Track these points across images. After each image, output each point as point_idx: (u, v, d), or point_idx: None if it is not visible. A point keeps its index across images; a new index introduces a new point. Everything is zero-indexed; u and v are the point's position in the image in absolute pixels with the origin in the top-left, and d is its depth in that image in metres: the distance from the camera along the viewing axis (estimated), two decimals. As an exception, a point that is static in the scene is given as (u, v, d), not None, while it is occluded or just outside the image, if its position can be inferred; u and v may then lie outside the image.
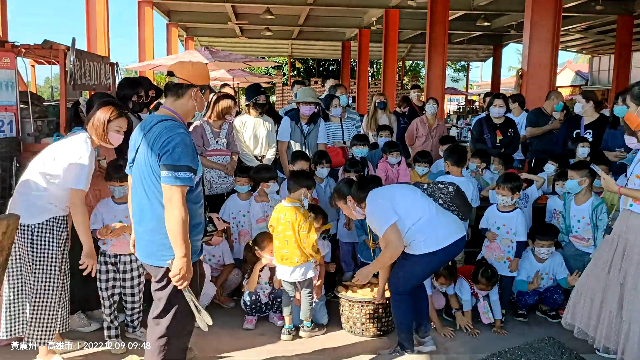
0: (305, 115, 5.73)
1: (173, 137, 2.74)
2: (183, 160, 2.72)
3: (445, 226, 3.62)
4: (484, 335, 4.20)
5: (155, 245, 2.83)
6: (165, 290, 2.88)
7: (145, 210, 2.84)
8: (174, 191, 2.70)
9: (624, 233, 3.30)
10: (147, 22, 16.90)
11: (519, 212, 4.55)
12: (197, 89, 2.91)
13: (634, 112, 3.28)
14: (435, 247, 3.55)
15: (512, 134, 6.43)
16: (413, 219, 3.56)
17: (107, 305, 3.84)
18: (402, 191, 3.75)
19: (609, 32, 19.50)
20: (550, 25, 8.14)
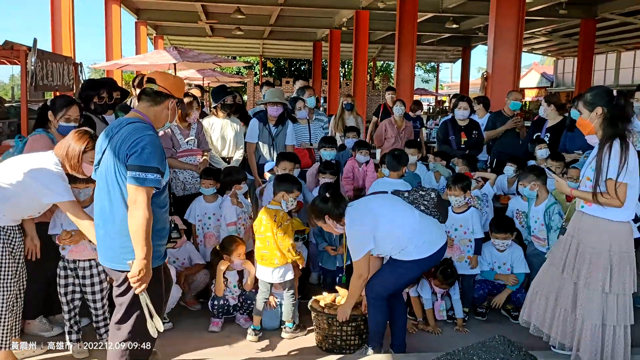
0: (273, 116, 5.75)
1: (142, 137, 2.75)
2: (151, 162, 2.72)
3: (431, 232, 3.65)
4: (447, 334, 4.30)
5: (117, 248, 2.82)
6: (127, 295, 2.87)
7: (108, 213, 2.83)
8: (140, 192, 2.70)
9: (577, 234, 3.42)
10: (114, 20, 16.60)
11: (473, 211, 4.67)
12: (175, 101, 2.97)
13: (587, 118, 3.39)
14: (427, 253, 3.58)
15: (477, 136, 6.57)
16: (401, 230, 3.57)
17: (67, 310, 3.80)
18: (385, 206, 3.68)
19: (573, 35, 19.96)
20: (514, 29, 8.32)
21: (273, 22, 19.77)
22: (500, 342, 2.13)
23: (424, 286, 4.42)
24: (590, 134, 3.43)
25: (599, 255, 3.29)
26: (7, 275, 3.43)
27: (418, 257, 3.57)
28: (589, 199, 3.32)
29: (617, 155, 3.21)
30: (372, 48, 26.31)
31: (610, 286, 3.28)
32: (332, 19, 19.94)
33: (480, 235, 4.61)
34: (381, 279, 3.68)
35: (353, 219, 3.60)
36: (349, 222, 3.61)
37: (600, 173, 3.25)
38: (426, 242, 3.59)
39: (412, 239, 3.57)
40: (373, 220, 3.57)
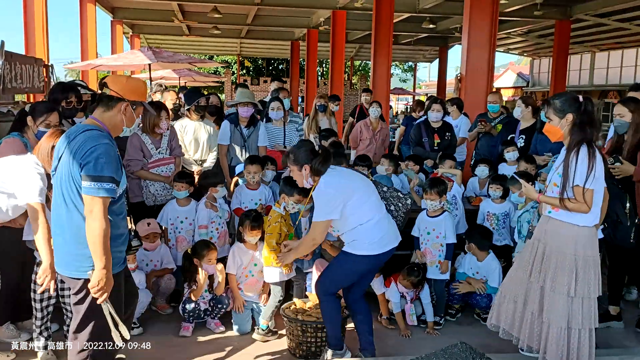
0: (244, 117, 5.72)
1: (97, 147, 2.72)
2: (106, 171, 2.70)
3: (388, 232, 3.64)
4: (417, 336, 4.34)
5: (72, 256, 2.80)
6: (84, 303, 2.85)
7: (63, 220, 2.80)
8: (96, 202, 2.68)
9: (543, 237, 3.47)
10: (89, 19, 16.36)
11: (446, 215, 4.70)
12: (127, 104, 2.90)
13: (557, 125, 3.42)
14: (379, 250, 3.56)
15: (449, 137, 6.62)
16: (363, 219, 3.52)
17: (40, 317, 3.76)
18: (362, 189, 3.60)
19: (548, 35, 20.21)
20: (488, 30, 8.39)
21: (250, 22, 19.68)
22: (462, 349, 2.16)
23: (392, 290, 4.44)
24: (559, 140, 3.48)
25: (564, 259, 3.35)
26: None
27: (367, 253, 3.53)
28: (556, 205, 3.36)
29: (584, 161, 3.25)
30: (350, 47, 26.37)
31: (576, 290, 3.33)
32: (310, 19, 19.93)
33: (452, 241, 4.65)
34: (329, 275, 3.68)
35: (331, 181, 3.50)
36: (325, 182, 3.49)
37: (567, 179, 3.29)
38: (381, 239, 3.56)
39: (371, 231, 3.52)
40: (349, 191, 3.50)
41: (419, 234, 4.75)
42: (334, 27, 16.90)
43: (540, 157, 5.57)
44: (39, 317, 3.75)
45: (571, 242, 3.34)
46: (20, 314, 4.08)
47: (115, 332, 2.83)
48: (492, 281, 4.59)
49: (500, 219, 5.13)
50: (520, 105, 6.24)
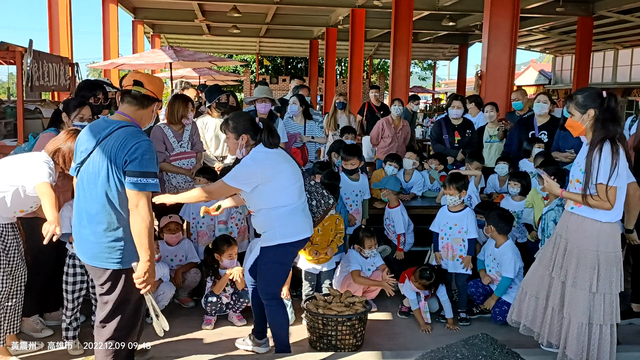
0: (262, 113, 5.78)
1: (140, 143, 2.82)
2: (151, 167, 2.81)
3: (302, 221, 3.60)
4: (437, 332, 4.36)
5: (101, 247, 2.88)
6: (112, 294, 2.93)
7: (94, 214, 2.87)
8: (141, 197, 2.78)
9: (565, 233, 3.46)
10: (112, 19, 16.62)
11: (468, 211, 4.71)
12: (159, 105, 3.05)
13: (578, 120, 3.40)
14: (291, 238, 3.53)
15: (470, 135, 6.61)
16: (279, 202, 3.50)
17: (70, 307, 3.84)
18: (285, 174, 3.55)
19: (571, 32, 19.97)
20: (509, 28, 8.34)
21: (269, 21, 19.77)
22: (483, 340, 2.17)
23: (407, 286, 4.49)
24: (581, 136, 3.47)
25: (586, 255, 3.33)
26: (1, 274, 3.46)
27: (282, 242, 3.51)
28: (579, 201, 3.35)
29: (607, 158, 3.23)
30: (369, 46, 26.31)
31: (597, 286, 3.32)
32: (329, 17, 19.95)
33: (474, 236, 4.65)
34: (264, 278, 3.64)
35: (258, 157, 3.47)
36: (252, 155, 3.48)
37: (590, 176, 3.27)
38: (294, 226, 3.53)
39: (283, 217, 3.49)
40: (271, 173, 3.46)
41: (439, 229, 4.75)
42: (353, 25, 16.90)
43: (562, 153, 5.53)
44: (70, 308, 3.84)
45: (593, 238, 3.33)
46: (49, 305, 4.19)
47: (157, 322, 2.95)
48: (505, 271, 4.50)
49: (519, 216, 5.12)
50: (546, 101, 6.16)
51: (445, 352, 2.20)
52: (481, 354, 2.12)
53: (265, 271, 3.63)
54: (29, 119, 5.21)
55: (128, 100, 2.98)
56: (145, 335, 4.05)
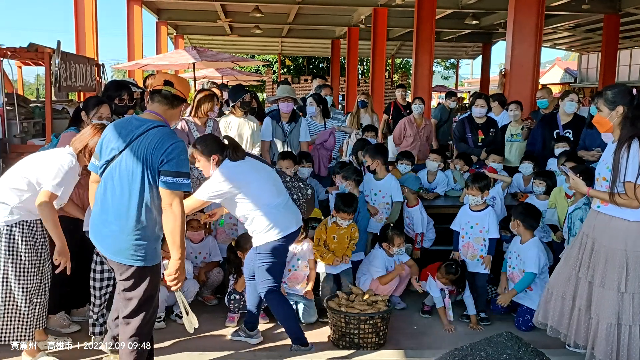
0: (285, 113, 5.81)
1: (177, 144, 2.89)
2: (185, 168, 2.90)
3: (287, 216, 3.75)
4: (461, 331, 4.34)
5: (128, 244, 2.92)
6: (136, 290, 2.99)
7: (126, 210, 2.91)
8: (175, 196, 2.85)
9: (592, 232, 3.41)
10: (136, 20, 16.85)
11: (490, 210, 4.68)
12: (184, 105, 3.14)
13: (607, 116, 3.35)
14: (275, 236, 3.67)
15: (494, 134, 6.55)
16: (259, 204, 3.66)
17: (98, 304, 3.90)
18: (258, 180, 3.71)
19: (597, 30, 19.66)
20: (533, 25, 8.25)
21: (291, 21, 19.83)
22: (507, 338, 2.16)
23: (431, 283, 4.47)
24: (608, 132, 3.42)
25: (614, 255, 3.28)
26: (30, 270, 3.52)
27: (272, 239, 3.66)
28: (606, 199, 3.30)
29: (636, 156, 3.18)
30: (391, 45, 26.21)
31: (626, 286, 3.26)
32: (350, 17, 19.94)
33: (495, 235, 4.62)
34: (260, 277, 3.78)
35: (223, 171, 3.62)
36: (219, 170, 3.63)
37: (617, 174, 3.22)
38: (277, 224, 3.67)
39: (267, 216, 3.64)
40: (239, 183, 3.61)
41: (460, 228, 4.73)
42: (375, 24, 16.88)
43: (589, 152, 5.46)
44: (97, 304, 3.90)
45: (621, 238, 3.27)
46: (75, 301, 4.27)
47: (187, 318, 3.02)
48: (529, 266, 4.40)
49: (544, 216, 5.05)
50: (577, 100, 6.08)
51: (469, 351, 2.19)
52: (505, 352, 2.11)
53: (260, 270, 3.76)
54: (56, 118, 5.32)
55: (159, 100, 3.03)
56: (170, 332, 4.15)
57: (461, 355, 2.18)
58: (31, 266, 3.54)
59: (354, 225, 4.70)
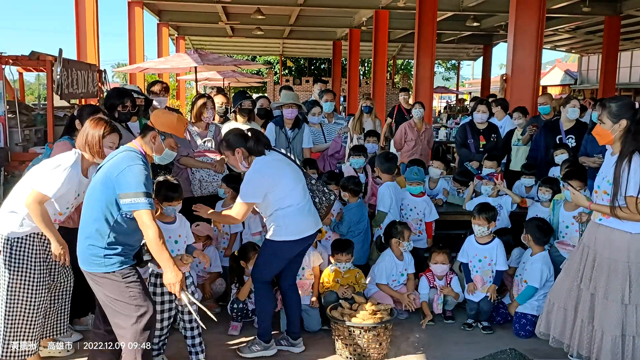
0: (288, 119, 5.82)
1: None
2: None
3: (307, 220, 3.81)
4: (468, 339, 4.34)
5: None
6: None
7: None
8: None
9: (593, 245, 3.41)
10: (137, 22, 16.87)
11: (498, 243, 4.65)
12: (155, 133, 3.23)
13: (609, 129, 3.32)
14: (296, 236, 3.74)
15: (495, 139, 6.54)
16: (284, 204, 3.71)
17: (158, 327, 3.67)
18: (288, 177, 3.77)
19: (597, 32, 19.66)
20: (534, 30, 8.24)
21: (293, 22, 19.85)
22: (511, 356, 2.15)
23: (422, 282, 4.64)
24: (608, 144, 3.41)
25: (617, 267, 3.28)
26: (40, 281, 3.53)
27: (286, 239, 3.72)
28: (607, 213, 3.30)
29: (637, 170, 3.17)
30: (392, 47, 26.22)
31: (630, 297, 3.26)
32: (352, 19, 19.95)
33: (504, 268, 4.61)
34: (259, 262, 3.91)
35: (260, 168, 3.69)
36: (254, 168, 3.70)
37: (619, 188, 3.21)
38: (298, 225, 3.74)
39: (290, 217, 3.71)
40: (276, 178, 3.69)
41: (468, 260, 4.71)
42: (377, 26, 16.88)
43: (590, 158, 5.45)
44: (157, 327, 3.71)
45: (624, 250, 3.27)
46: (77, 311, 4.26)
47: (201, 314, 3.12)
48: (531, 279, 4.44)
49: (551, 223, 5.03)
50: (577, 106, 6.05)
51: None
52: (510, 370, 2.10)
53: (262, 260, 3.87)
54: (58, 125, 5.32)
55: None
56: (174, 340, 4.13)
57: (465, 372, 2.17)
58: (42, 279, 3.55)
59: (359, 271, 4.68)
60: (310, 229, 3.82)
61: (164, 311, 3.66)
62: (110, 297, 3.12)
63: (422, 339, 4.36)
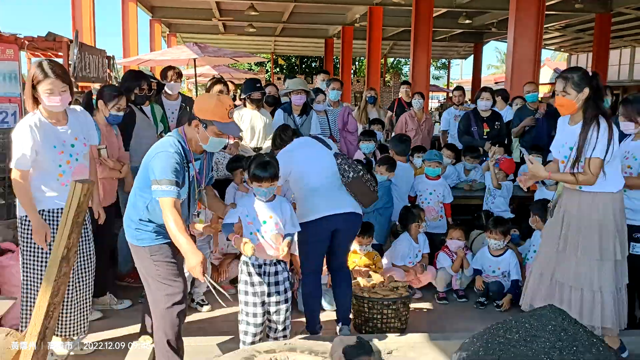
0: (297, 105, 5.87)
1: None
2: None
3: (325, 199, 3.71)
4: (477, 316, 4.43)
5: None
6: None
7: None
8: None
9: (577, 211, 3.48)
10: (131, 18, 16.81)
11: (510, 254, 4.76)
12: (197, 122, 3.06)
13: (573, 99, 3.39)
14: (311, 217, 3.68)
15: (499, 127, 6.64)
16: (300, 185, 3.78)
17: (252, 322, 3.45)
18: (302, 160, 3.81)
19: (587, 30, 19.93)
20: (534, 22, 8.38)
21: (286, 19, 19.87)
22: (551, 311, 2.23)
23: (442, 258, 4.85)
24: (571, 114, 3.47)
25: (607, 226, 3.38)
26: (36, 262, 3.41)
27: (312, 218, 3.67)
28: (569, 180, 3.40)
29: (604, 133, 3.29)
30: (384, 45, 26.28)
31: (622, 252, 3.40)
32: (345, 16, 20.03)
33: (517, 277, 4.70)
34: (301, 251, 3.89)
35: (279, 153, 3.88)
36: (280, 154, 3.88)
37: (582, 151, 3.31)
38: (311, 206, 3.70)
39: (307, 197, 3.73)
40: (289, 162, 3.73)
41: (481, 268, 4.83)
42: (371, 23, 16.97)
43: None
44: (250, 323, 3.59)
45: (610, 209, 3.38)
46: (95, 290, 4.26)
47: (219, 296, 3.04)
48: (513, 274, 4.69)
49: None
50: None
51: (513, 323, 2.25)
52: (550, 323, 2.17)
53: (301, 244, 3.86)
54: (70, 110, 5.32)
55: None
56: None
57: (505, 327, 2.24)
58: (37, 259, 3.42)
59: (377, 254, 4.75)
60: (321, 211, 3.69)
61: (257, 305, 3.37)
62: (142, 271, 3.15)
63: (437, 315, 4.44)
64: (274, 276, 3.38)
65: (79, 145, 3.42)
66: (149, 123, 4.91)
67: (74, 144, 3.39)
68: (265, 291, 3.36)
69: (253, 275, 3.36)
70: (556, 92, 3.51)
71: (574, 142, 3.37)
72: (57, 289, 2.29)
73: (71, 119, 3.42)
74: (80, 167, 3.45)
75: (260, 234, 3.29)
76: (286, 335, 3.44)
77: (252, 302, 3.35)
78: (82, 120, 3.50)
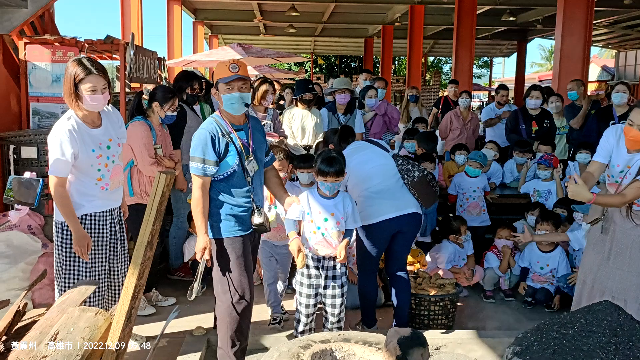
0: (341, 104, 5.93)
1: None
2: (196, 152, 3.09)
3: (383, 202, 3.72)
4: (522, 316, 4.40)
5: None
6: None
7: None
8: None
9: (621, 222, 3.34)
10: (175, 20, 17.18)
11: (560, 251, 4.69)
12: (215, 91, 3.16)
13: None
14: (379, 218, 3.69)
15: (548, 125, 6.55)
16: (357, 190, 3.80)
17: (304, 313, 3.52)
18: (356, 161, 3.85)
19: (636, 26, 19.34)
20: (583, 18, 8.22)
21: (326, 19, 19.95)
22: (607, 307, 2.22)
23: (490, 257, 4.83)
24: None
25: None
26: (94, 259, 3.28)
27: (371, 222, 3.69)
28: (616, 203, 3.21)
29: None
30: (424, 43, 26.11)
31: None
32: (385, 15, 19.98)
33: (567, 272, 4.63)
34: (359, 251, 3.92)
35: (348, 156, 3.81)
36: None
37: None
38: (374, 209, 3.70)
39: (365, 200, 3.74)
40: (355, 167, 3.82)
41: (529, 264, 4.78)
42: (412, 21, 16.90)
43: None
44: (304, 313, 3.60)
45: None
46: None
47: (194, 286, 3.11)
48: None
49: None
50: (625, 90, 6.05)
51: (568, 318, 2.26)
52: (606, 319, 2.17)
53: (360, 245, 3.88)
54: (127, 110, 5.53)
55: None
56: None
57: (560, 323, 2.25)
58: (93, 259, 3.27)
59: (421, 251, 4.81)
60: (394, 211, 3.69)
61: (310, 296, 3.43)
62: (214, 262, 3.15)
63: (485, 313, 4.44)
64: (331, 270, 3.44)
65: (114, 146, 3.29)
66: (200, 122, 5.04)
67: (110, 146, 3.26)
68: (322, 284, 3.43)
69: (311, 267, 3.41)
70: (631, 122, 3.22)
71: (631, 171, 3.20)
72: (142, 271, 2.48)
73: (104, 119, 3.28)
74: (117, 168, 3.33)
75: (321, 232, 3.35)
76: (340, 327, 3.50)
77: (306, 294, 3.43)
78: (114, 119, 3.34)
